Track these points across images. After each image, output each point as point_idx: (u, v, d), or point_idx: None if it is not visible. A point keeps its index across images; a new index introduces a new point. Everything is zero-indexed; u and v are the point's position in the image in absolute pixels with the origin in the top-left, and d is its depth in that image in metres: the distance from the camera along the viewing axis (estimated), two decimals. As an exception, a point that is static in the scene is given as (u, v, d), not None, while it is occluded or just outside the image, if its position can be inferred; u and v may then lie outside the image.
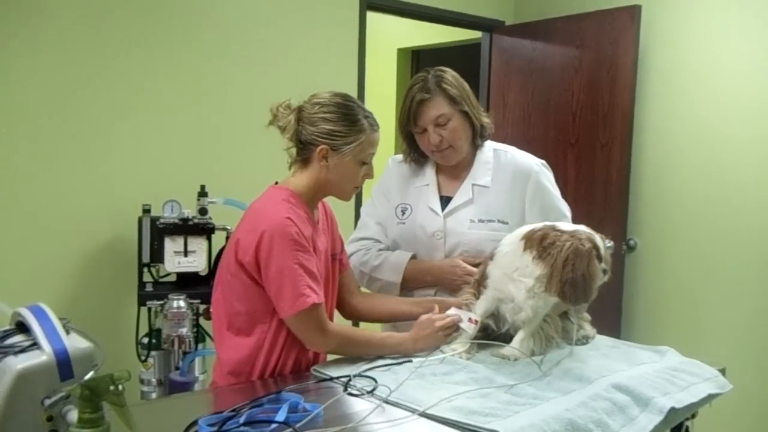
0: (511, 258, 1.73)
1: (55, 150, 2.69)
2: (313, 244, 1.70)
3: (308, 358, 1.75)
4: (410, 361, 1.68)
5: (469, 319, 1.78)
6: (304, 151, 1.76)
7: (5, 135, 2.58)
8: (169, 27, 2.94)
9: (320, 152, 1.72)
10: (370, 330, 1.84)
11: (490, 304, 1.79)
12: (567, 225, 1.74)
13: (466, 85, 2.02)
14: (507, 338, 1.80)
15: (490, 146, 2.08)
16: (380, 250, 2.10)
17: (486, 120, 2.05)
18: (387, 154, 2.30)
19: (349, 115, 1.74)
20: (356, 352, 1.73)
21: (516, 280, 1.71)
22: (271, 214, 1.65)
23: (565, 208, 2.06)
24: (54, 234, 2.71)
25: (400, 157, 2.20)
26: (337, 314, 1.91)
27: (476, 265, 1.92)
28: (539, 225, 1.75)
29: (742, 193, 3.24)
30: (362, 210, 2.24)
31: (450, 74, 1.99)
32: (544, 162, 2.08)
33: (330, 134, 1.72)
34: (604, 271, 1.68)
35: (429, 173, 2.10)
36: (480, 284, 1.83)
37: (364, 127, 1.74)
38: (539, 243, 1.67)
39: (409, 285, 2.04)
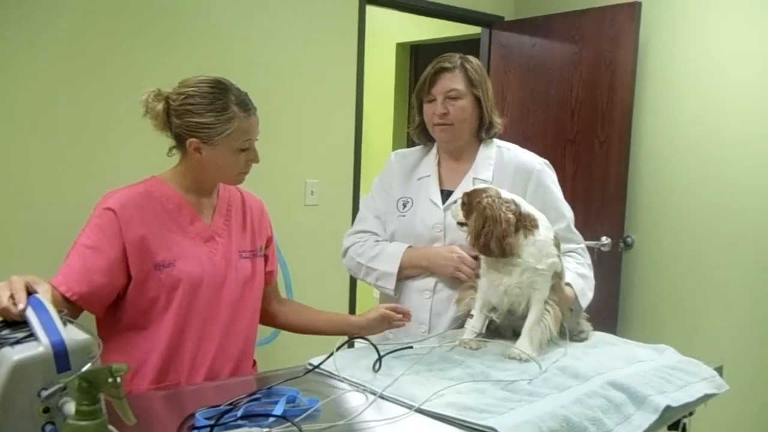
0: None
1: (52, 141, 2.67)
2: (178, 224, 1.67)
3: None
4: (410, 347, 1.68)
5: (470, 314, 1.80)
6: (178, 143, 1.69)
7: (2, 126, 2.57)
8: (167, 21, 2.91)
9: (191, 146, 1.64)
10: None
11: (486, 295, 1.79)
12: None
13: (489, 80, 2.04)
14: (506, 329, 1.83)
15: (494, 143, 2.08)
16: (377, 241, 2.10)
17: (497, 119, 2.05)
18: (385, 150, 2.30)
19: (215, 104, 1.62)
20: None
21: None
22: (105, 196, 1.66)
23: (567, 209, 2.03)
24: (52, 226, 2.69)
25: (402, 152, 2.20)
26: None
27: (474, 257, 1.90)
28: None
29: (740, 191, 3.25)
30: (361, 203, 2.24)
31: (476, 62, 2.03)
32: (547, 162, 2.06)
33: (198, 127, 1.62)
34: None
35: (431, 165, 2.09)
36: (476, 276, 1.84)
37: (235, 115, 1.63)
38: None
39: (404, 274, 2.03)
